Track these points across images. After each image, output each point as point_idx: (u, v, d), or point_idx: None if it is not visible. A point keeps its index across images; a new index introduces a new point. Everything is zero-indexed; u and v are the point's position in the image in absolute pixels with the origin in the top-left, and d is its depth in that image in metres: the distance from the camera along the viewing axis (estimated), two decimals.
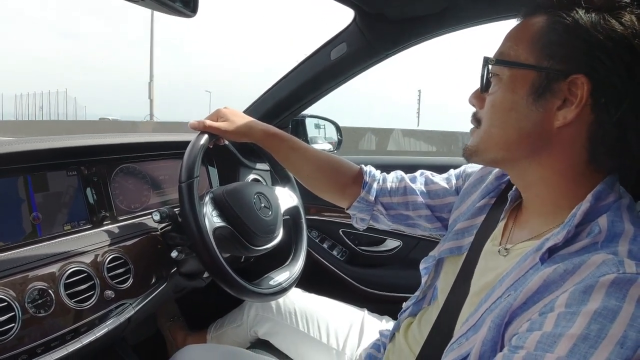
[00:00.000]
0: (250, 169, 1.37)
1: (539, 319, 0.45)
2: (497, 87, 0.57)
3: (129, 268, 0.88)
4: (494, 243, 0.64)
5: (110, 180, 1.00)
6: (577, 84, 0.50)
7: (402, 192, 0.86)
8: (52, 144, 0.88)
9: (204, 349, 0.97)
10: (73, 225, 0.91)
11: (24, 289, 0.73)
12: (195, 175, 0.83)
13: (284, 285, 0.96)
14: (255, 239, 0.93)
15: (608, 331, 0.41)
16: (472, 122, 0.62)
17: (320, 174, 0.91)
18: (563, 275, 0.47)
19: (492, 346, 0.50)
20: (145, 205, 1.08)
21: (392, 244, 1.42)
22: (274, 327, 1.12)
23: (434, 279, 0.78)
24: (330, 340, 1.04)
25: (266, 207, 0.97)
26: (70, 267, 0.80)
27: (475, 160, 0.62)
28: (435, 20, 1.01)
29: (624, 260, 0.45)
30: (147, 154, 1.11)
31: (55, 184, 0.90)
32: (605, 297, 0.42)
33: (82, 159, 0.95)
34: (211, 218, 0.87)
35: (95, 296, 0.81)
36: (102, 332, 0.82)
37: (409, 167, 0.97)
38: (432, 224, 0.86)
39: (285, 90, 1.29)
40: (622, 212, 0.51)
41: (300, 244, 1.08)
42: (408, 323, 0.81)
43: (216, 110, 0.91)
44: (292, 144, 0.90)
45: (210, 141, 0.88)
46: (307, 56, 1.22)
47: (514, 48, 0.56)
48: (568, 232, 0.50)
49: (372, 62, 1.17)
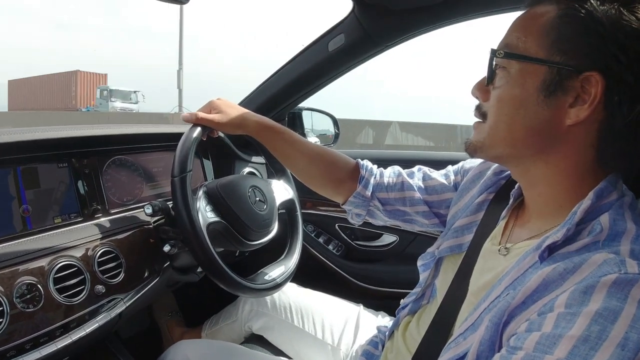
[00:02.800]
0: (246, 162, 1.35)
1: (538, 319, 0.44)
2: (505, 81, 0.54)
3: (121, 262, 0.87)
4: (494, 242, 0.63)
5: (102, 173, 0.99)
6: (590, 82, 0.48)
7: (400, 187, 0.85)
8: (42, 135, 0.86)
9: (197, 344, 0.97)
10: (64, 219, 0.89)
11: (12, 283, 0.71)
12: (188, 169, 0.82)
13: (278, 280, 0.95)
14: (249, 233, 0.92)
15: (609, 333, 0.40)
16: (476, 116, 0.60)
17: (315, 168, 0.89)
18: (563, 275, 0.46)
19: (489, 346, 0.49)
20: (137, 198, 1.06)
21: (389, 239, 1.41)
22: (268, 322, 1.11)
23: (434, 277, 0.77)
24: (325, 336, 1.03)
25: (261, 200, 0.96)
26: (59, 261, 0.78)
27: (479, 156, 0.60)
28: (436, 11, 0.99)
29: (625, 260, 0.44)
30: (140, 146, 1.09)
31: (46, 176, 0.88)
32: (606, 298, 0.41)
33: (73, 151, 0.93)
34: (205, 213, 0.86)
35: (86, 291, 0.79)
36: (92, 327, 0.80)
37: (407, 161, 0.96)
38: (429, 220, 0.85)
39: (282, 83, 1.27)
40: (625, 211, 0.50)
41: (296, 238, 1.07)
42: (407, 322, 0.81)
43: (209, 102, 0.89)
44: (287, 136, 0.89)
45: (203, 134, 0.87)
46: (304, 47, 1.20)
47: (523, 40, 0.53)
48: (568, 230, 0.49)
49: (371, 54, 1.15)
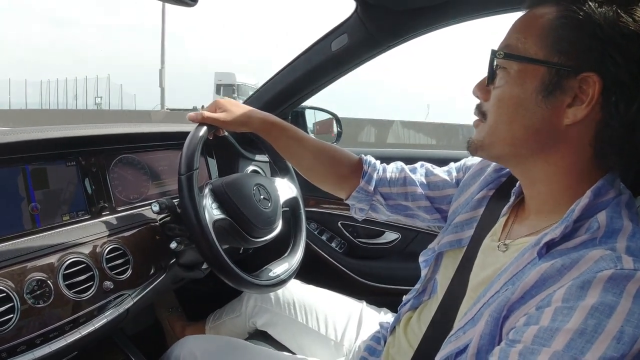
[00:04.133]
0: (250, 161, 1.37)
1: (536, 314, 0.45)
2: (505, 81, 0.56)
3: (128, 259, 0.88)
4: (493, 238, 0.64)
5: (109, 171, 1.00)
6: (588, 82, 0.49)
7: (402, 182, 0.86)
8: (50, 134, 0.87)
9: (202, 339, 0.98)
10: (72, 216, 0.91)
11: (22, 279, 0.72)
12: (194, 167, 0.83)
13: (282, 277, 0.97)
14: (254, 230, 0.93)
15: (605, 326, 0.41)
16: (477, 115, 0.61)
17: (319, 164, 0.91)
18: (560, 270, 0.47)
19: (489, 340, 0.50)
20: (144, 196, 1.07)
21: (391, 237, 1.42)
22: (272, 318, 1.12)
23: (434, 272, 0.79)
24: (328, 332, 1.05)
25: (265, 198, 0.97)
26: (69, 257, 0.79)
27: (480, 154, 0.61)
28: (439, 11, 1.00)
29: (621, 256, 0.45)
30: (146, 145, 1.11)
31: (54, 174, 0.89)
32: (603, 293, 0.42)
33: (80, 149, 0.95)
34: (211, 210, 0.87)
35: (94, 287, 0.81)
36: (100, 322, 0.82)
37: (409, 159, 0.96)
38: (431, 216, 0.86)
39: (285, 82, 1.28)
40: (622, 209, 0.51)
41: (299, 235, 1.08)
42: (408, 317, 0.82)
43: (214, 101, 0.91)
44: (291, 133, 0.90)
45: (209, 132, 0.88)
46: (307, 47, 1.21)
47: (522, 41, 0.54)
48: (566, 227, 0.50)
49: (374, 54, 1.15)
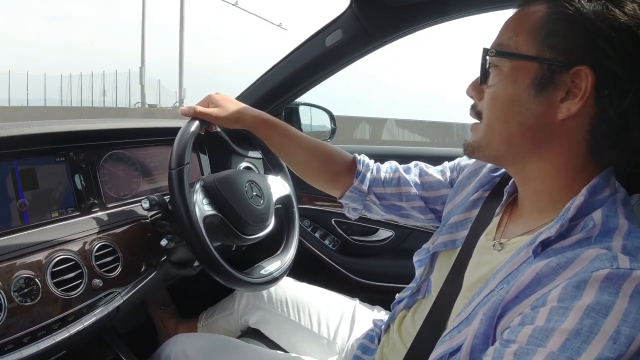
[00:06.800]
0: (243, 157, 1.35)
1: (531, 313, 0.45)
2: (497, 79, 0.56)
3: (118, 256, 0.87)
4: (488, 238, 0.63)
5: (99, 167, 0.98)
6: (580, 76, 0.49)
7: (396, 182, 0.85)
8: (40, 129, 0.85)
9: (194, 338, 0.97)
10: (61, 213, 0.89)
11: (9, 277, 0.71)
12: (185, 162, 0.82)
13: (275, 274, 0.96)
14: (246, 227, 0.92)
15: (601, 326, 0.40)
16: (472, 115, 0.61)
17: (313, 162, 0.90)
18: (556, 269, 0.46)
19: (484, 339, 0.50)
20: (134, 193, 1.06)
21: (385, 234, 1.42)
22: (265, 316, 1.12)
23: (429, 272, 0.78)
24: (321, 330, 1.04)
25: (258, 195, 0.96)
26: (57, 255, 0.78)
27: (476, 156, 0.61)
28: (434, 8, 1.00)
29: (617, 255, 0.44)
30: (137, 140, 1.09)
31: (43, 170, 0.88)
32: (599, 292, 0.42)
33: (70, 145, 0.93)
34: (201, 206, 0.86)
35: (83, 285, 0.79)
36: (90, 321, 0.80)
37: (404, 157, 0.96)
38: (425, 216, 0.86)
39: (279, 77, 1.27)
40: (617, 207, 0.51)
41: (292, 233, 1.07)
42: (402, 316, 0.81)
43: (207, 96, 0.89)
44: (284, 130, 0.89)
45: (201, 128, 0.87)
46: (301, 42, 1.20)
47: (514, 38, 0.54)
48: (561, 225, 0.49)
49: (369, 50, 1.15)
